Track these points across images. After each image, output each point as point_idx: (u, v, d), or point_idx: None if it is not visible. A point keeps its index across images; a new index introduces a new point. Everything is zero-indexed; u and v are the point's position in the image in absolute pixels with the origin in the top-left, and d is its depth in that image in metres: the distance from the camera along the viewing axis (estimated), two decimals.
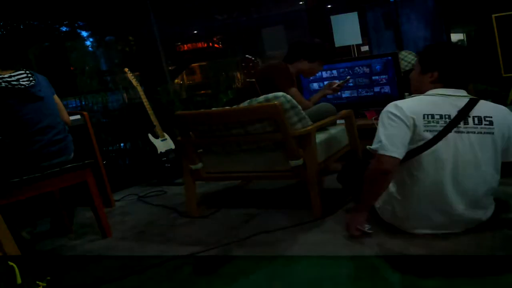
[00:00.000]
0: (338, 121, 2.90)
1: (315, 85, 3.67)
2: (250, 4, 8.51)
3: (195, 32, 9.20)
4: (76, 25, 4.67)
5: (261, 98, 2.36)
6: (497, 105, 1.88)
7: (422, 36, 5.77)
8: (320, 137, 2.55)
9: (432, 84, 1.89)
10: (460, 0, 5.51)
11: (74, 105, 4.33)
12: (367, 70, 3.48)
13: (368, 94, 3.48)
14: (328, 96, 3.17)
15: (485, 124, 1.78)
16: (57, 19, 4.31)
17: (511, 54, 4.84)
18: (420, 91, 1.93)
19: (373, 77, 3.46)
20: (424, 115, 1.79)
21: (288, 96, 2.32)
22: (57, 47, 4.31)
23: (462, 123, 1.77)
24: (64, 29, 4.60)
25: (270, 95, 2.33)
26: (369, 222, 1.99)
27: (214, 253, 2.08)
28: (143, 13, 4.76)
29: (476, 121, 1.78)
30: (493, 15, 4.84)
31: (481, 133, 1.78)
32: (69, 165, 2.45)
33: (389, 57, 3.39)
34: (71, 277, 2.10)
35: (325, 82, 3.65)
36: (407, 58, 4.60)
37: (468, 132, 1.78)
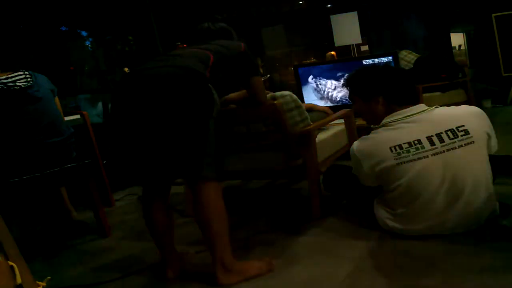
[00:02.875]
0: (337, 121, 2.90)
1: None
2: (249, 4, 8.51)
3: None
4: (76, 24, 4.67)
5: (269, 95, 2.36)
6: (460, 107, 1.81)
7: (422, 36, 5.77)
8: (319, 136, 2.55)
9: (384, 107, 1.85)
10: (460, 0, 5.51)
11: (73, 104, 4.33)
12: None
13: None
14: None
15: (461, 136, 1.69)
16: (57, 18, 4.31)
17: (511, 53, 4.85)
18: (377, 120, 1.87)
19: None
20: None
21: (294, 96, 2.34)
22: (56, 47, 4.32)
23: (438, 142, 1.69)
24: (63, 28, 4.60)
25: (278, 93, 2.34)
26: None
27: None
28: (143, 13, 4.76)
29: (451, 136, 1.69)
30: (493, 15, 4.85)
31: (461, 146, 1.68)
32: (69, 165, 2.45)
33: (389, 57, 3.40)
34: (71, 277, 2.10)
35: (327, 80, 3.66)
36: (407, 58, 4.61)
37: (448, 150, 1.68)
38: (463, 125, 1.71)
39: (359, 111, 1.98)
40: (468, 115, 1.77)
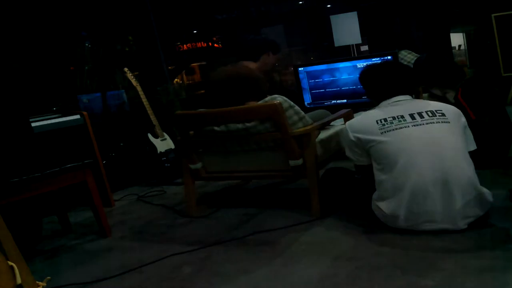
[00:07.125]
0: (337, 121, 2.90)
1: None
2: (249, 4, 8.51)
3: (195, 32, 9.20)
4: (76, 25, 4.67)
5: (261, 102, 2.38)
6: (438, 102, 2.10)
7: (422, 36, 5.78)
8: (319, 136, 2.55)
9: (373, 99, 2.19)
10: (460, 0, 5.51)
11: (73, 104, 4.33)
12: None
13: None
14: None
15: (439, 116, 1.95)
16: (57, 18, 4.30)
17: (510, 53, 4.84)
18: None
19: None
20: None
21: (284, 97, 2.35)
22: (56, 47, 4.31)
23: (418, 117, 1.93)
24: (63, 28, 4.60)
25: (268, 97, 2.36)
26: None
27: (214, 253, 2.08)
28: (143, 13, 4.76)
29: (430, 114, 1.95)
30: (493, 15, 4.85)
31: (439, 122, 1.93)
32: (68, 165, 2.45)
33: (389, 57, 3.39)
34: (71, 277, 2.10)
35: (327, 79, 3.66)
36: (407, 58, 4.60)
37: (427, 124, 1.92)
38: (441, 110, 1.98)
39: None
40: (446, 106, 2.02)
